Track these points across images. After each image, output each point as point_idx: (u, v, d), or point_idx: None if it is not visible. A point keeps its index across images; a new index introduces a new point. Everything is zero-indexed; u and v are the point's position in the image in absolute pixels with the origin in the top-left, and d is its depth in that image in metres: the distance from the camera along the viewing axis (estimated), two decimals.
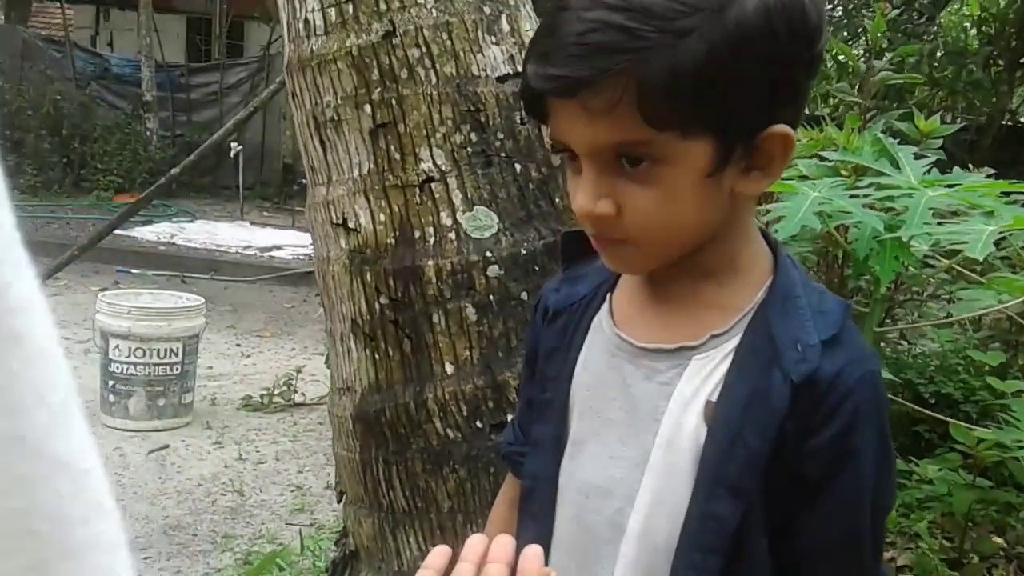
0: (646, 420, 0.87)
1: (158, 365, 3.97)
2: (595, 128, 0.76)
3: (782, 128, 0.79)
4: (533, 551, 0.73)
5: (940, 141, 3.09)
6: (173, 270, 7.27)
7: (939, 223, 2.15)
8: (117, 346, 3.95)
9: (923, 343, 3.70)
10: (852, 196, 2.17)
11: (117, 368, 3.95)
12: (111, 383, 3.97)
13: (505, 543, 0.74)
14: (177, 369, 4.02)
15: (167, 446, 3.82)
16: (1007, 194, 2.27)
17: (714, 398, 0.84)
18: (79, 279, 6.66)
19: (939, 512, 2.61)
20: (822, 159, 2.63)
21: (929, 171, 2.35)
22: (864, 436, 0.83)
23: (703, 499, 0.83)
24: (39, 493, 0.24)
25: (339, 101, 1.74)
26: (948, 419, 2.42)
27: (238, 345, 5.48)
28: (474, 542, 0.74)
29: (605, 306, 0.94)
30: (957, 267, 2.71)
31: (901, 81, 3.65)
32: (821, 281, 2.98)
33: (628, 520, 0.87)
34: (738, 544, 0.83)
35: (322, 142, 1.79)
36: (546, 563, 0.92)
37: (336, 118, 1.74)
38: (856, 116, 3.42)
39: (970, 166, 3.69)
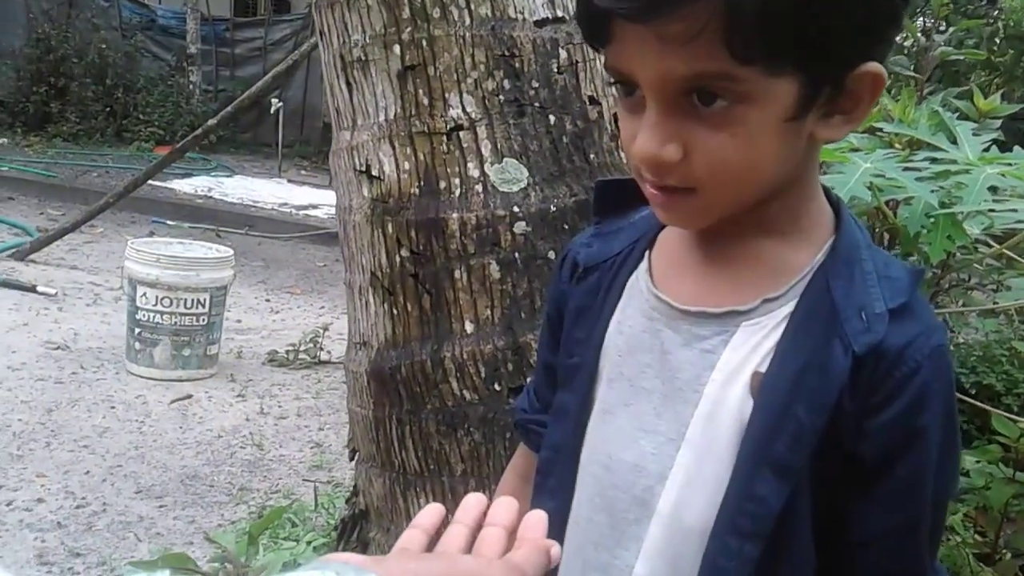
0: (685, 391, 0.79)
1: (184, 315, 3.95)
2: (669, 58, 0.66)
3: (875, 66, 0.70)
4: (536, 517, 0.65)
5: (999, 122, 2.94)
6: (209, 224, 7.27)
7: (997, 200, 2.03)
8: (144, 294, 3.92)
9: (967, 331, 3.57)
10: (906, 169, 2.06)
11: (144, 316, 3.93)
12: (137, 331, 3.95)
13: (508, 505, 0.66)
14: (203, 320, 3.99)
15: (190, 396, 3.80)
16: None
17: (763, 368, 0.76)
18: (115, 228, 6.68)
19: (974, 505, 2.50)
20: (876, 132, 2.51)
21: (988, 148, 2.23)
22: (931, 416, 0.74)
23: (744, 479, 0.75)
24: None
25: (367, 40, 1.65)
26: (991, 409, 2.31)
27: (268, 300, 5.46)
28: (470, 503, 0.66)
29: (643, 264, 0.85)
30: (1009, 253, 2.59)
31: (961, 57, 3.50)
32: None
33: (658, 499, 0.79)
34: (780, 530, 0.75)
35: (348, 83, 1.71)
36: (561, 543, 0.85)
37: (363, 58, 1.66)
38: (912, 91, 3.28)
39: None
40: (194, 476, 3.11)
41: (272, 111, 9.35)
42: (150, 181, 5.98)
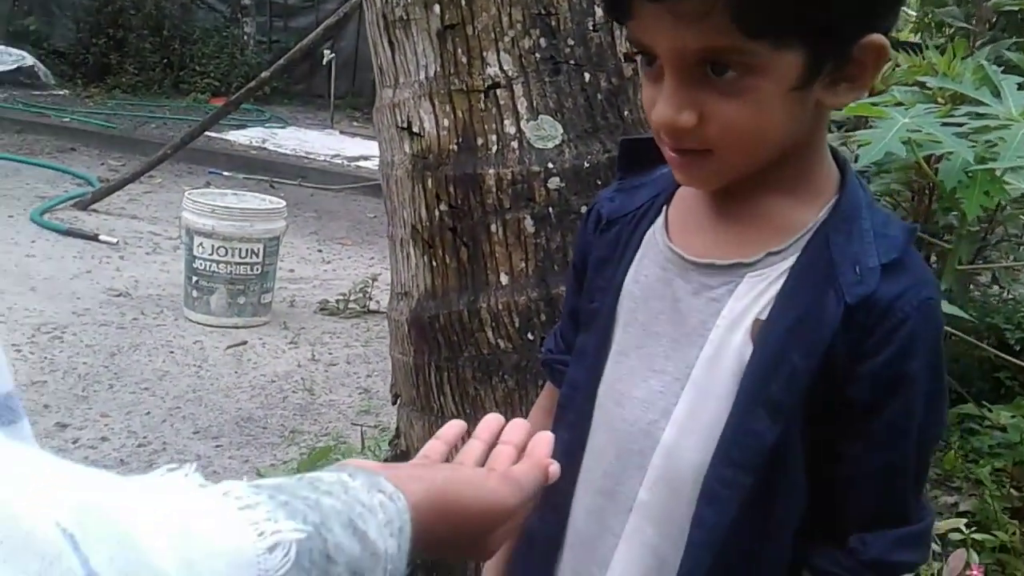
0: (692, 336, 0.86)
1: (239, 264, 4.08)
2: (683, 33, 0.72)
3: (878, 38, 0.75)
4: (543, 437, 0.73)
5: None
6: (263, 174, 7.41)
7: None
8: (201, 244, 4.06)
9: (1016, 288, 3.54)
10: (945, 124, 2.06)
11: (200, 265, 4.07)
12: (195, 279, 4.09)
13: (519, 426, 0.74)
14: (257, 269, 4.12)
15: (245, 342, 3.94)
16: None
17: (763, 316, 0.82)
18: (173, 178, 6.84)
19: (1010, 460, 2.53)
20: (921, 86, 2.49)
21: None
22: (918, 364, 0.80)
23: (741, 416, 0.82)
24: None
25: (409, 0, 1.70)
26: None
27: (319, 251, 5.58)
28: (489, 421, 0.74)
29: (660, 218, 0.92)
30: None
31: (1017, 8, 3.42)
32: (909, 215, 2.85)
33: (662, 432, 0.87)
34: (772, 463, 0.82)
35: (391, 42, 1.77)
36: (576, 472, 0.93)
37: (405, 17, 1.71)
38: (965, 43, 3.23)
39: None
40: (248, 418, 3.25)
41: (324, 62, 9.42)
42: (206, 132, 6.11)
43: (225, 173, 7.34)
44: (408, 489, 0.54)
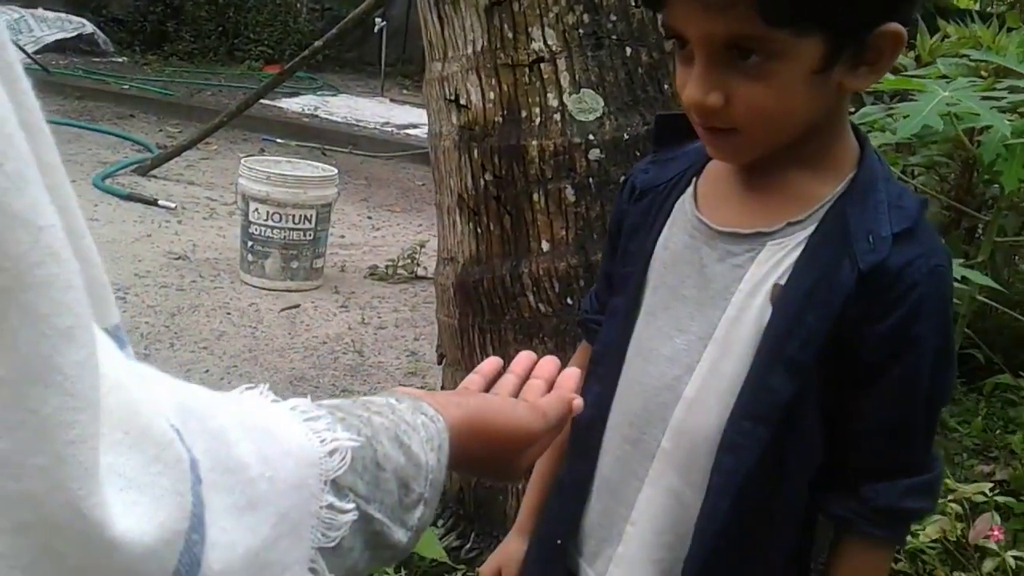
0: (716, 299, 0.93)
1: (292, 230, 4.20)
2: (711, 20, 0.79)
3: (895, 26, 0.81)
4: (572, 371, 0.81)
5: None
6: (315, 142, 7.53)
7: None
8: (256, 209, 4.18)
9: None
10: (985, 98, 2.08)
11: (256, 230, 4.20)
12: (250, 243, 4.22)
13: (549, 362, 0.82)
14: (310, 235, 4.24)
15: (298, 305, 4.07)
16: None
17: (782, 281, 0.89)
18: (228, 145, 6.99)
19: None
20: (967, 59, 2.50)
21: None
22: (926, 327, 0.86)
23: (760, 372, 0.89)
24: (1, 241, 0.30)
25: None
26: None
27: (369, 218, 5.69)
28: (523, 358, 0.82)
29: (690, 189, 0.99)
30: None
31: None
32: (952, 188, 2.86)
33: (684, 387, 0.94)
34: (789, 417, 0.89)
35: (440, 18, 1.84)
36: (605, 421, 1.01)
37: None
38: (1016, 16, 3.20)
39: None
40: (301, 378, 3.38)
41: (376, 30, 9.50)
42: (260, 100, 6.24)
43: (279, 140, 7.48)
44: (447, 413, 0.62)
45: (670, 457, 0.95)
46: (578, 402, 0.77)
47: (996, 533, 1.58)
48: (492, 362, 0.81)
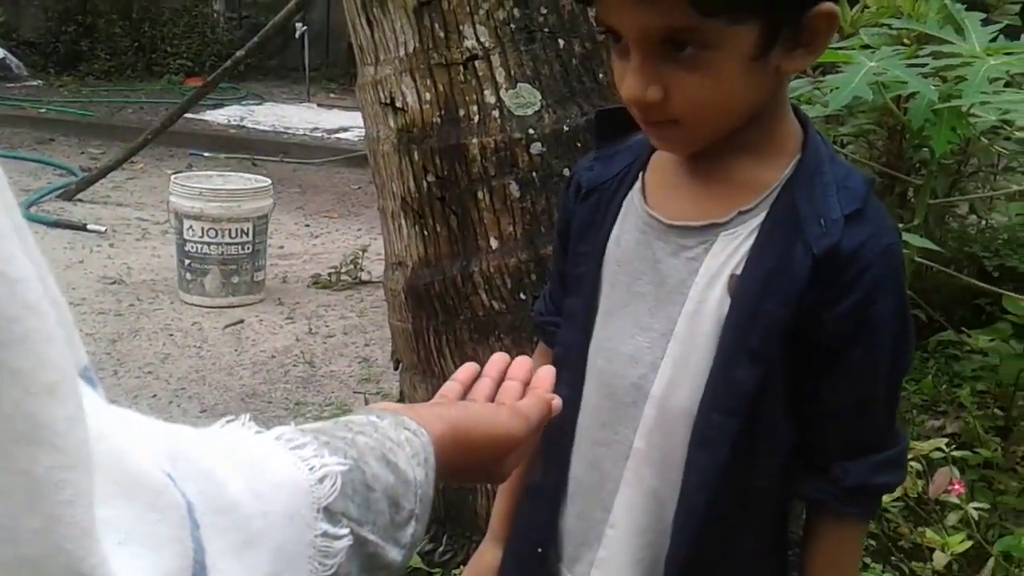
0: (673, 294, 0.92)
1: (230, 244, 4.13)
2: (644, 14, 0.78)
3: (828, 6, 0.81)
4: (546, 371, 0.80)
5: (1017, 7, 2.95)
6: (243, 153, 7.41)
7: (999, 92, 2.09)
8: (191, 227, 4.10)
9: (993, 216, 3.62)
10: (910, 65, 2.12)
11: (192, 248, 4.12)
12: (187, 262, 4.14)
13: (523, 363, 0.81)
14: (248, 248, 4.17)
15: (242, 321, 4.00)
16: None
17: (738, 271, 0.88)
18: (154, 163, 6.85)
19: (992, 383, 2.63)
20: (888, 28, 2.55)
21: (996, 38, 2.27)
22: (883, 306, 0.87)
23: (724, 365, 0.89)
24: None
25: None
26: (1001, 290, 2.41)
27: (307, 226, 5.63)
28: (496, 360, 0.82)
29: (637, 184, 0.97)
30: None
31: None
32: (882, 154, 2.92)
33: (651, 385, 0.93)
34: (755, 407, 0.89)
35: (369, 21, 1.82)
36: (574, 425, 1.00)
37: None
38: None
39: None
40: (253, 394, 3.33)
41: (297, 35, 9.38)
42: (185, 114, 6.11)
43: (206, 154, 7.34)
44: (430, 425, 0.62)
45: (644, 456, 0.94)
46: (557, 402, 0.76)
47: (957, 487, 1.63)
48: (468, 368, 0.80)
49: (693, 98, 0.82)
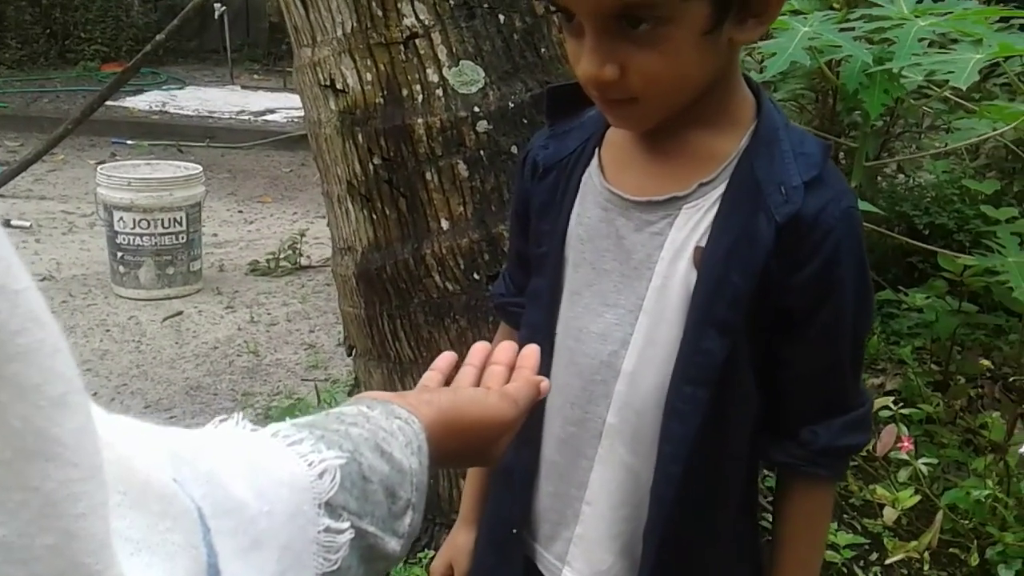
0: (639, 269, 0.92)
1: (163, 235, 4.03)
2: None
3: None
4: (530, 350, 0.80)
5: None
6: (168, 139, 7.22)
7: (928, 53, 2.13)
8: (121, 218, 3.99)
9: (920, 175, 3.71)
10: (843, 30, 2.15)
11: (124, 240, 4.00)
12: (119, 255, 4.03)
13: (508, 347, 0.81)
14: (183, 238, 4.07)
15: (180, 312, 3.92)
16: (1007, 20, 2.24)
17: (703, 243, 0.89)
18: (76, 153, 6.64)
19: (928, 339, 2.70)
20: None
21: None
22: (845, 268, 0.88)
23: (693, 337, 0.89)
24: None
25: None
26: (935, 249, 2.48)
27: (240, 212, 5.52)
28: (477, 348, 0.81)
29: (594, 161, 0.97)
30: (953, 97, 2.70)
31: None
32: (815, 117, 2.97)
33: (622, 361, 0.93)
34: (725, 376, 0.89)
35: (303, 1, 1.78)
36: (543, 407, 1.00)
37: None
38: None
39: None
40: (197, 387, 3.26)
41: (216, 16, 9.13)
42: (105, 102, 5.91)
43: (129, 142, 7.13)
44: (420, 412, 0.62)
45: (618, 432, 0.95)
46: (545, 384, 0.76)
47: (906, 444, 1.67)
48: (446, 357, 0.79)
49: (650, 74, 0.81)
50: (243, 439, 0.51)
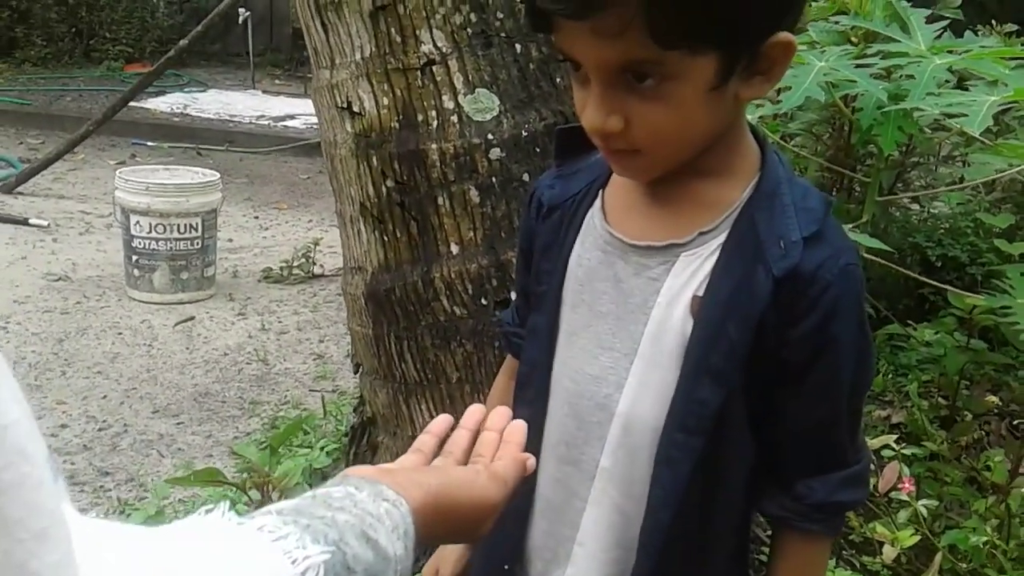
0: (636, 313, 0.93)
1: (179, 240, 4.06)
2: (603, 47, 0.78)
3: (784, 35, 0.82)
4: (516, 426, 0.82)
5: (959, 0, 3.02)
6: (188, 142, 7.28)
7: (942, 92, 2.14)
8: (138, 222, 4.03)
9: (935, 205, 3.70)
10: (859, 65, 2.16)
11: (139, 244, 4.04)
12: (135, 258, 4.07)
13: (502, 413, 0.82)
14: (198, 243, 4.11)
15: (192, 318, 3.95)
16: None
17: (700, 292, 0.89)
18: (96, 152, 6.69)
19: (936, 374, 2.70)
20: (836, 24, 2.59)
21: (941, 35, 2.32)
22: (843, 325, 0.88)
23: (688, 385, 0.90)
24: None
25: None
26: (945, 286, 2.47)
27: (256, 218, 5.55)
28: (473, 411, 0.82)
29: (597, 203, 0.98)
30: (968, 131, 2.70)
31: None
32: (830, 148, 2.97)
33: (616, 405, 0.94)
34: (719, 426, 0.90)
35: (323, 24, 1.80)
36: (539, 444, 1.01)
37: (336, 0, 1.75)
38: None
39: (994, 22, 3.60)
40: (206, 393, 3.29)
41: (240, 20, 9.21)
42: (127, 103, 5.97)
43: (149, 143, 7.19)
44: (409, 495, 0.62)
45: (610, 474, 0.96)
46: (531, 462, 0.78)
47: (907, 485, 1.67)
48: (442, 421, 0.80)
49: (654, 128, 0.82)
50: (229, 536, 0.51)
